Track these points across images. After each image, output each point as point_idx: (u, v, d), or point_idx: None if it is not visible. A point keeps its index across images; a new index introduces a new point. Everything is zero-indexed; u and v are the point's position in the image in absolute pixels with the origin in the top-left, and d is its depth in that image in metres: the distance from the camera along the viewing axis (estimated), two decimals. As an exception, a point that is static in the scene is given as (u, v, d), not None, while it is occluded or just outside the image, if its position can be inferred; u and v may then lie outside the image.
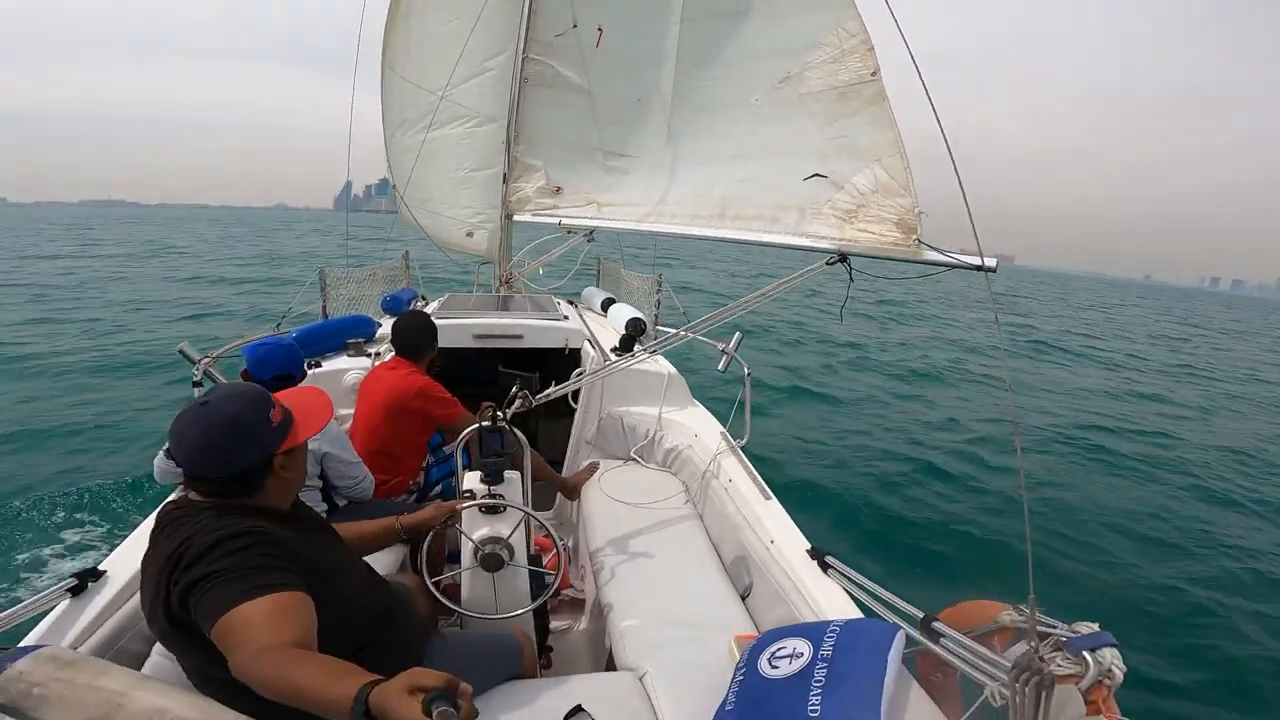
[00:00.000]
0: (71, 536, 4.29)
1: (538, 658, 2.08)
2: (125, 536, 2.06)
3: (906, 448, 7.33)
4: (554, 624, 2.67)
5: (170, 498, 1.53)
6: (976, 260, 1.88)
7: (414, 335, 2.76)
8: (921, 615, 1.43)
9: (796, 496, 4.91)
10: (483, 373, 3.71)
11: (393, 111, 5.31)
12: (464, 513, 1.96)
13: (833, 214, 2.45)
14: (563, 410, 3.08)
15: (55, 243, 33.10)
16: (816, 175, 2.52)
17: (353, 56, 5.36)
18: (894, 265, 2.17)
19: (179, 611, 1.17)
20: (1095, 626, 1.03)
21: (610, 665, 2.08)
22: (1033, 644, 0.85)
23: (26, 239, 35.66)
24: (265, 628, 1.06)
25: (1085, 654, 0.97)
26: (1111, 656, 0.97)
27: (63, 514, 4.59)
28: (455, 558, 2.26)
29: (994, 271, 1.82)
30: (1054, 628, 1.07)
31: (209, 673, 1.19)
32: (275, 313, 4.51)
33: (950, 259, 1.99)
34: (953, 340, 16.62)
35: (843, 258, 2.27)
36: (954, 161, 1.49)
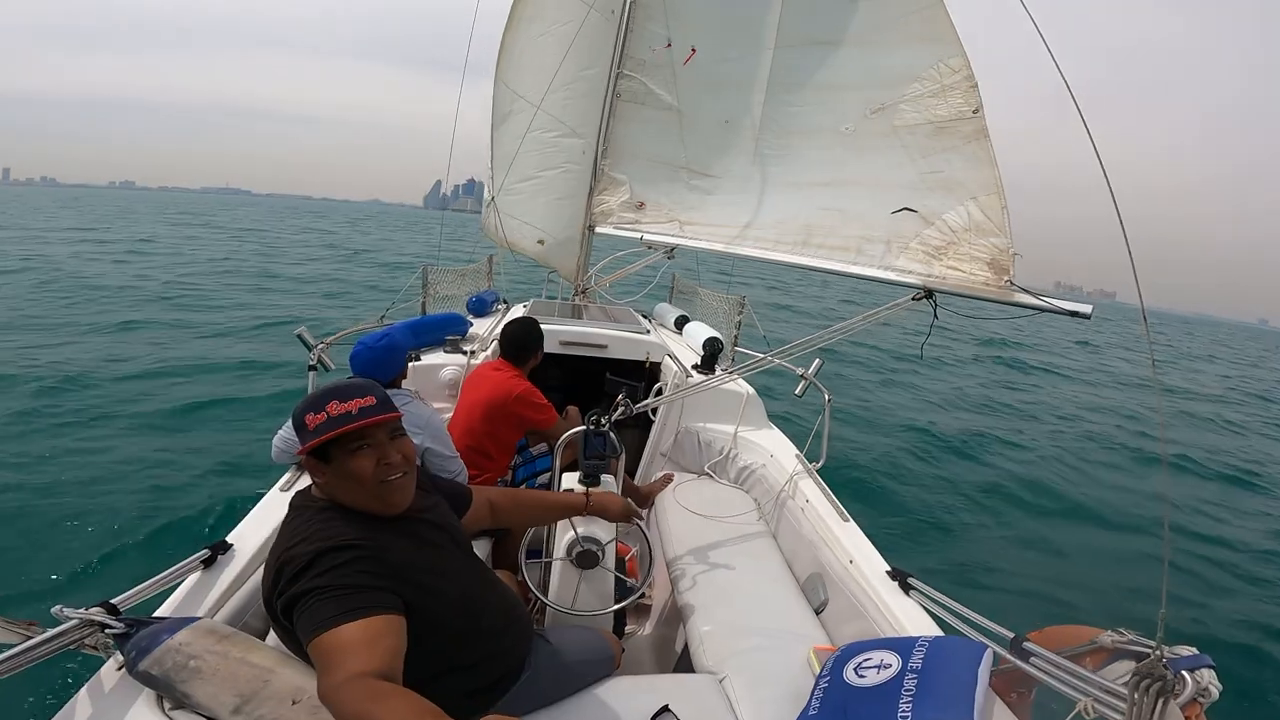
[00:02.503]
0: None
1: None
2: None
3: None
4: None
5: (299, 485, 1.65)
6: (1071, 305, 1.91)
7: (523, 341, 2.88)
8: (1011, 635, 1.47)
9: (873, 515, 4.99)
10: (552, 380, 3.80)
11: (493, 114, 5.34)
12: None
13: (921, 249, 2.45)
14: (631, 422, 3.17)
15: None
16: (906, 209, 2.51)
17: (449, 58, 5.52)
18: (987, 305, 2.18)
19: (284, 619, 1.22)
20: (1194, 650, 1.10)
21: (681, 669, 2.13)
22: (1157, 651, 0.92)
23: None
24: (353, 655, 1.07)
25: (1184, 673, 1.04)
26: (1210, 677, 1.03)
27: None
28: (531, 556, 2.36)
29: (1088, 317, 1.85)
30: (1153, 648, 1.13)
31: None
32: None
33: (1043, 303, 1.97)
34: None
35: (929, 294, 2.26)
36: (1114, 199, 1.52)
